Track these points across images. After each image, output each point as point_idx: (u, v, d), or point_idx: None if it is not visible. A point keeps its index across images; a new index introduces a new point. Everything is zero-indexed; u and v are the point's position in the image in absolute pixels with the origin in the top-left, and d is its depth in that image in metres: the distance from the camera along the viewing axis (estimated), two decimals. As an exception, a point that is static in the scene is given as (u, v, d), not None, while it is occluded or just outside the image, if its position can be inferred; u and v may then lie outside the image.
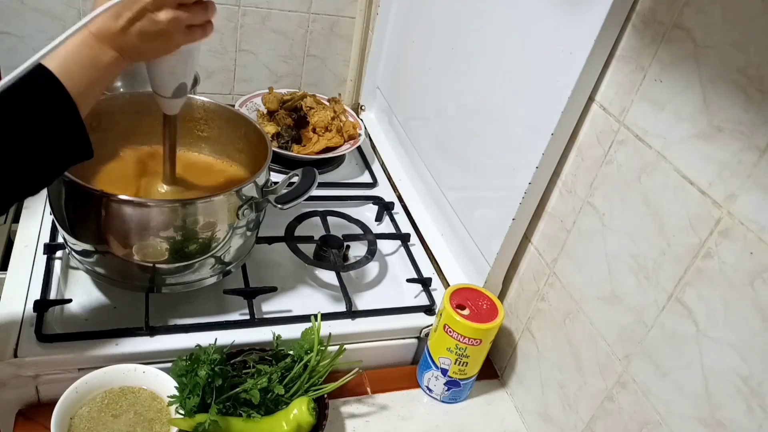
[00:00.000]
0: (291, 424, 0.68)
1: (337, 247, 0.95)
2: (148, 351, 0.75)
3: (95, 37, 0.58)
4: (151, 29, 0.59)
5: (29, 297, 0.77)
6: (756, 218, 0.51)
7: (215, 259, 0.78)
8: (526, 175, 0.76)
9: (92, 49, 0.58)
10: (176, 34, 0.61)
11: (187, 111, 0.89)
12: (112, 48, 0.59)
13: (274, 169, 1.11)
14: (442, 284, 0.97)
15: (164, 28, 0.59)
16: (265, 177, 0.80)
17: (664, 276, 0.60)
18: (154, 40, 0.60)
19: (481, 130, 0.90)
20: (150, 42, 0.60)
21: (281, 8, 1.37)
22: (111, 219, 0.70)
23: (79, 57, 0.58)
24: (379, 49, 1.29)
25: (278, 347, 0.76)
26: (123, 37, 0.58)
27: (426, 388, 0.85)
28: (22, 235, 0.87)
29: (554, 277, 0.77)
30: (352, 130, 1.20)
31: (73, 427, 0.65)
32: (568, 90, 0.69)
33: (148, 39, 0.59)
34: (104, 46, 0.59)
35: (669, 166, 0.60)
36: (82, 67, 0.58)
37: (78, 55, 0.58)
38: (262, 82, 1.45)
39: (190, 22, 0.61)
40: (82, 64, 0.58)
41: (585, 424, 0.72)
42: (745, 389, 0.52)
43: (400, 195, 1.15)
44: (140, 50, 0.60)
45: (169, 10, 0.58)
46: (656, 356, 0.62)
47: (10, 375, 0.71)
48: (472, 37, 0.92)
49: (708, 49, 0.56)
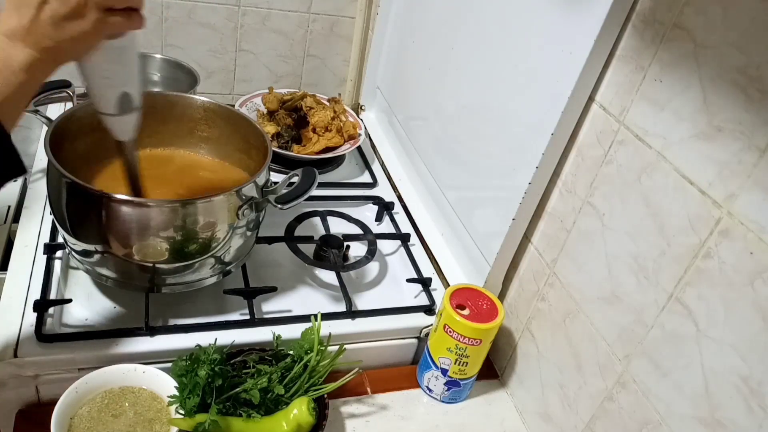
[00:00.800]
0: (291, 424, 0.68)
1: (337, 247, 0.95)
2: (148, 351, 0.75)
3: (5, 36, 0.51)
4: (62, 11, 0.51)
5: (29, 297, 0.77)
6: (756, 218, 0.51)
7: (215, 259, 0.78)
8: (526, 175, 0.76)
9: (3, 50, 0.51)
10: (91, 16, 0.53)
11: (186, 111, 0.89)
12: (27, 45, 0.52)
13: (274, 169, 1.11)
14: (442, 284, 0.97)
15: (75, 8, 0.51)
16: (265, 177, 0.80)
17: (664, 276, 0.60)
18: (69, 25, 0.52)
19: (481, 130, 0.90)
20: (64, 28, 0.52)
21: (281, 8, 1.37)
22: (111, 219, 0.70)
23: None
24: (379, 49, 1.29)
25: (278, 347, 0.76)
26: (35, 27, 0.51)
27: (426, 388, 0.85)
28: (22, 235, 0.87)
29: (554, 277, 0.77)
30: (352, 130, 1.20)
31: (73, 427, 0.65)
32: (568, 90, 0.69)
33: (61, 24, 0.52)
34: (17, 44, 0.51)
35: (669, 166, 0.60)
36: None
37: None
38: (262, 82, 1.45)
39: (107, 4, 0.53)
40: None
41: (585, 424, 0.72)
42: (745, 389, 0.52)
43: (400, 195, 1.15)
44: (58, 41, 0.52)
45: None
46: (656, 356, 0.62)
47: (10, 375, 0.71)
48: (473, 37, 0.92)
49: (708, 49, 0.56)
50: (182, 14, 1.32)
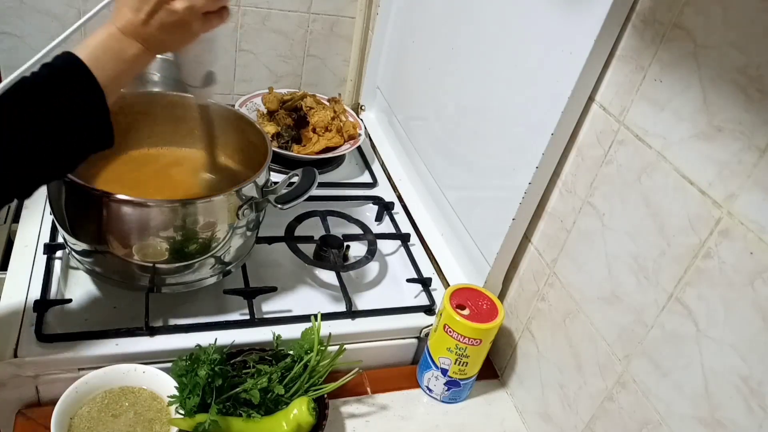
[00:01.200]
0: (291, 424, 0.68)
1: (337, 247, 0.95)
2: (148, 351, 0.75)
3: (121, 31, 0.60)
4: (169, 20, 0.61)
5: (29, 297, 0.77)
6: (756, 218, 0.51)
7: (215, 259, 0.78)
8: (526, 175, 0.76)
9: (119, 42, 0.61)
10: (194, 23, 0.62)
11: (187, 111, 0.89)
12: (137, 41, 0.61)
13: (274, 169, 1.11)
14: (442, 284, 0.97)
15: (181, 18, 0.61)
16: (265, 177, 0.80)
17: (664, 276, 0.60)
18: (174, 31, 0.62)
19: (481, 130, 0.90)
20: (170, 33, 0.62)
21: (281, 8, 1.37)
22: (111, 219, 0.70)
23: (108, 49, 0.60)
24: (379, 49, 1.29)
25: (278, 347, 0.76)
26: (145, 29, 0.61)
27: (426, 388, 0.85)
28: (22, 235, 0.87)
29: (554, 277, 0.77)
30: (352, 130, 1.20)
31: (73, 427, 0.65)
32: (568, 90, 0.69)
33: (167, 30, 0.61)
34: (130, 39, 0.61)
35: (669, 166, 0.60)
36: (110, 58, 0.60)
37: (106, 47, 0.60)
38: (262, 82, 1.45)
39: (206, 9, 0.62)
40: (110, 55, 0.60)
41: (585, 424, 0.72)
42: (745, 389, 0.52)
43: (400, 195, 1.15)
44: (163, 41, 0.62)
45: (184, 0, 0.60)
46: (656, 356, 0.62)
47: (10, 375, 0.71)
48: (472, 37, 0.92)
49: (708, 49, 0.55)
50: (182, 14, 1.32)
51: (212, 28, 0.65)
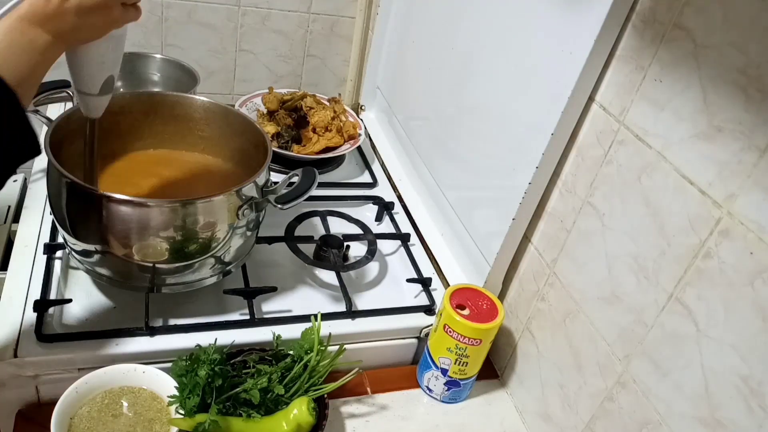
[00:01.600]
0: (291, 424, 0.68)
1: (337, 247, 0.95)
2: (148, 351, 0.75)
3: (27, 21, 0.54)
4: (87, 3, 0.56)
5: (29, 297, 0.77)
6: (756, 218, 0.51)
7: (215, 259, 0.78)
8: (526, 175, 0.76)
9: (24, 34, 0.54)
10: (114, 8, 0.58)
11: (186, 111, 0.89)
12: (46, 31, 0.55)
13: (274, 169, 1.11)
14: (442, 284, 0.97)
15: (103, 1, 0.57)
16: (265, 177, 0.80)
17: (664, 276, 0.60)
18: (93, 15, 0.57)
19: (481, 130, 0.90)
20: (88, 17, 0.57)
21: (281, 8, 1.37)
22: (111, 219, 0.70)
23: (12, 43, 0.54)
24: (379, 49, 1.29)
25: (278, 347, 0.76)
26: (58, 16, 0.55)
27: (426, 388, 0.85)
28: (22, 235, 0.87)
29: (554, 277, 0.77)
30: (352, 130, 1.20)
31: (73, 427, 0.65)
32: (568, 90, 0.69)
33: (85, 14, 0.56)
34: (38, 29, 0.55)
35: (669, 166, 0.60)
36: (18, 53, 0.54)
37: (10, 41, 0.53)
38: (262, 82, 1.45)
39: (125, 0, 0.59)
40: (17, 50, 0.54)
41: (585, 424, 0.72)
42: (745, 389, 0.52)
43: (400, 195, 1.15)
44: (77, 28, 0.57)
45: None
46: (656, 356, 0.62)
47: (10, 375, 0.71)
48: (472, 37, 0.92)
49: (708, 49, 0.56)
50: (182, 14, 1.32)
51: (129, 20, 0.61)
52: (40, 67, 0.56)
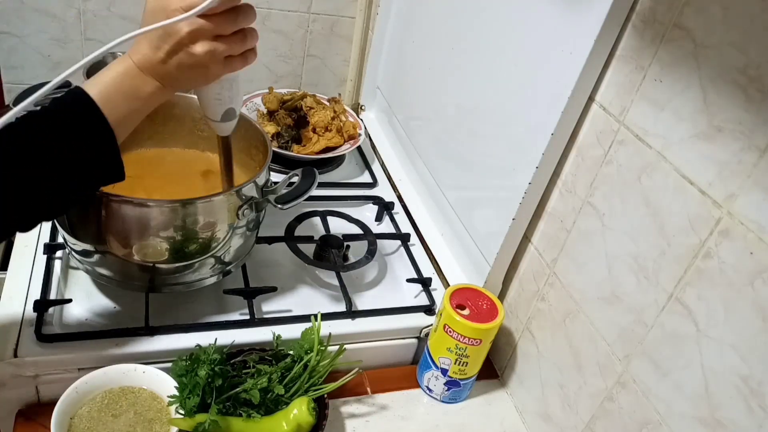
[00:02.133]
0: (291, 424, 0.68)
1: (337, 247, 0.95)
2: (148, 351, 0.75)
3: (138, 68, 0.59)
4: (188, 61, 0.58)
5: (29, 297, 0.77)
6: (756, 218, 0.51)
7: (215, 259, 0.78)
8: (526, 175, 0.76)
9: (135, 79, 0.59)
10: (213, 66, 0.60)
11: (186, 111, 0.89)
12: (154, 78, 0.59)
13: (274, 169, 1.11)
14: (442, 284, 0.97)
15: (200, 60, 0.58)
16: (265, 177, 0.80)
17: (664, 276, 0.60)
18: (191, 72, 0.60)
19: (481, 130, 0.90)
20: (188, 73, 0.60)
21: (281, 8, 1.37)
22: (111, 219, 0.70)
23: (122, 86, 0.58)
24: (379, 49, 1.29)
25: (278, 347, 0.76)
26: (163, 67, 0.59)
27: (426, 388, 0.85)
28: (22, 235, 0.87)
29: (554, 277, 0.77)
30: (352, 130, 1.20)
31: (73, 427, 0.65)
32: (568, 90, 0.69)
33: (185, 70, 0.59)
34: (146, 76, 0.59)
35: (669, 166, 0.60)
36: (124, 96, 0.58)
37: (120, 84, 0.58)
38: (262, 82, 1.45)
39: (228, 53, 0.60)
40: (124, 93, 0.58)
41: (585, 424, 0.72)
42: (745, 389, 0.52)
43: (400, 195, 1.15)
44: (179, 80, 0.60)
45: (205, 42, 0.58)
46: (656, 356, 0.62)
47: (10, 375, 0.71)
48: (472, 37, 0.92)
49: (708, 49, 0.56)
50: (182, 14, 1.32)
51: (234, 70, 0.63)
52: (142, 110, 0.61)
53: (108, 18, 1.24)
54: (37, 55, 1.22)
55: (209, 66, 0.59)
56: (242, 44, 0.61)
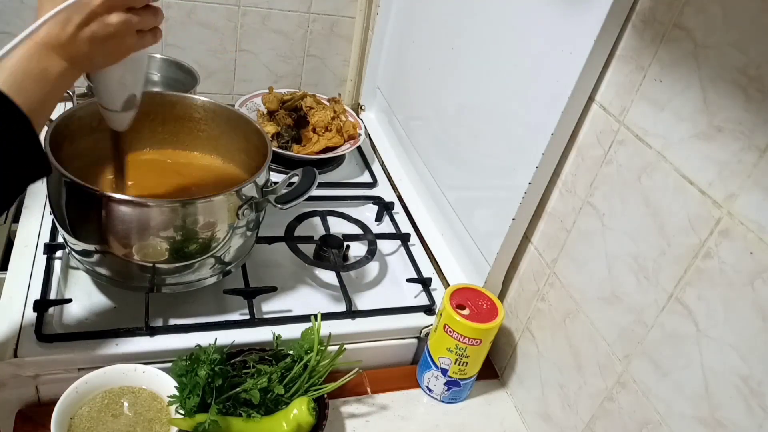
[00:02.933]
0: (291, 424, 0.68)
1: (337, 247, 0.95)
2: (148, 351, 0.75)
3: (43, 47, 0.54)
4: (102, 33, 0.56)
5: (29, 297, 0.77)
6: (756, 218, 0.51)
7: (215, 259, 0.78)
8: (526, 175, 0.76)
9: (41, 61, 0.54)
10: (127, 38, 0.58)
11: (186, 111, 0.89)
12: (62, 58, 0.55)
13: (274, 169, 1.11)
14: (442, 284, 0.97)
15: (115, 31, 0.56)
16: (265, 177, 0.80)
17: (664, 276, 0.60)
18: (105, 45, 0.57)
19: (481, 130, 0.90)
20: (101, 46, 0.57)
21: (281, 8, 1.37)
22: (111, 219, 0.70)
23: (29, 70, 0.54)
24: (379, 49, 1.29)
25: (278, 347, 0.76)
26: (73, 44, 0.55)
27: (426, 388, 0.85)
28: (22, 235, 0.87)
29: (554, 277, 0.77)
30: (352, 130, 1.20)
31: (73, 427, 0.65)
32: (568, 90, 0.69)
33: (98, 43, 0.56)
34: (53, 55, 0.55)
35: (669, 166, 0.60)
36: (33, 80, 0.54)
37: (27, 67, 0.54)
38: (262, 82, 1.45)
39: (140, 27, 0.59)
40: (33, 77, 0.54)
41: (585, 424, 0.72)
42: (745, 389, 0.52)
43: (400, 195, 1.15)
44: (91, 56, 0.57)
45: (119, 13, 0.56)
46: (656, 356, 0.62)
47: (10, 375, 0.71)
48: (472, 37, 0.92)
49: (708, 49, 0.56)
50: (182, 14, 1.32)
51: (144, 46, 0.61)
52: (54, 93, 0.57)
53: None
54: (37, 55, 1.22)
55: (123, 37, 0.58)
56: (154, 19, 0.60)
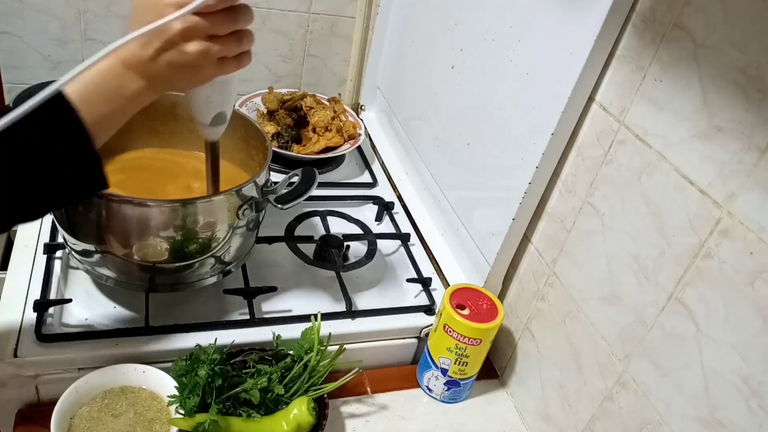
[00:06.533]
0: (291, 424, 0.68)
1: (337, 247, 0.95)
2: (148, 351, 0.75)
3: (123, 65, 0.55)
4: (179, 61, 0.55)
5: (29, 297, 0.77)
6: (756, 218, 0.51)
7: (215, 258, 0.78)
8: (526, 175, 0.76)
9: (119, 77, 0.55)
10: (206, 67, 0.56)
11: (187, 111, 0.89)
12: (140, 77, 0.56)
13: (274, 169, 1.11)
14: (442, 284, 0.97)
15: (192, 60, 0.55)
16: (265, 177, 0.80)
17: (664, 276, 0.60)
18: (182, 72, 0.56)
19: (481, 130, 0.90)
20: (178, 73, 0.56)
21: (281, 8, 1.37)
22: (111, 219, 0.70)
23: (103, 85, 0.54)
24: (379, 49, 1.29)
25: (278, 347, 0.76)
26: (152, 66, 0.55)
27: (426, 388, 0.85)
28: (22, 235, 0.87)
29: (554, 277, 0.77)
30: (352, 129, 1.20)
31: (73, 427, 0.65)
32: (568, 90, 0.69)
33: (176, 70, 0.55)
34: (132, 74, 0.55)
35: (669, 166, 0.60)
36: (105, 95, 0.55)
37: (102, 82, 0.54)
38: (262, 82, 1.45)
39: (222, 55, 0.57)
40: (106, 92, 0.55)
41: (585, 424, 0.72)
42: (745, 389, 0.52)
43: (400, 195, 1.15)
44: (170, 80, 0.57)
45: (198, 42, 0.54)
46: (656, 356, 0.62)
47: (10, 375, 0.71)
48: (472, 37, 0.92)
49: (708, 48, 0.56)
50: (182, 14, 1.32)
51: (226, 73, 0.59)
52: (126, 109, 0.56)
53: (108, 18, 1.24)
54: (38, 55, 1.22)
55: (201, 67, 0.56)
56: (237, 46, 0.57)
